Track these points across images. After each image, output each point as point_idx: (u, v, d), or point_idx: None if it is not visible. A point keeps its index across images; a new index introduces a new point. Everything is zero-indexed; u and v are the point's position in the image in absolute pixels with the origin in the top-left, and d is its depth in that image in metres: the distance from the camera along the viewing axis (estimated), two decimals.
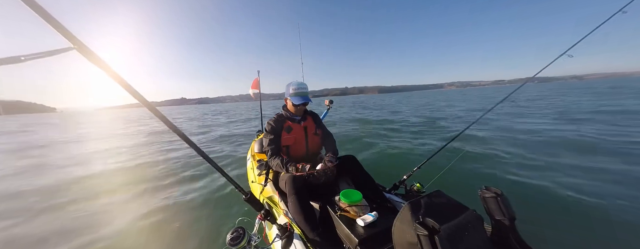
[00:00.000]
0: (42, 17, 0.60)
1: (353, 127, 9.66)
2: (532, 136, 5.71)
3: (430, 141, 6.13)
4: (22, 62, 0.59)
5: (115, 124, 19.26)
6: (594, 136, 5.19)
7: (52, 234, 2.50)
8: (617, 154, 3.95)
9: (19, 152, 7.52)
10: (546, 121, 7.66)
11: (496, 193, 1.02)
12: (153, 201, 3.21)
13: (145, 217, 2.79)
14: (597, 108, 9.86)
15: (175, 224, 2.61)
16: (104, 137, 10.54)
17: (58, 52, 0.62)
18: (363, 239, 1.19)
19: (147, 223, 2.68)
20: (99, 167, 5.13)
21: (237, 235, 1.11)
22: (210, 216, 2.76)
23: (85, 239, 2.39)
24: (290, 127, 1.90)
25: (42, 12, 0.59)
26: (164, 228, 2.58)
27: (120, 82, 0.75)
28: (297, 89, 1.87)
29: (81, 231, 2.53)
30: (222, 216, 2.75)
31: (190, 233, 2.46)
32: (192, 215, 2.79)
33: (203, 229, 2.50)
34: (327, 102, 3.62)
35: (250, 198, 1.22)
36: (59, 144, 8.95)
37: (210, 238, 2.35)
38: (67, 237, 2.43)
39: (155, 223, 2.67)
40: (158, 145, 7.45)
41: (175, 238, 2.40)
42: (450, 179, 3.26)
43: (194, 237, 2.39)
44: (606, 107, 10.00)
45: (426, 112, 13.49)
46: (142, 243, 2.37)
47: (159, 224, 2.64)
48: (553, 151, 4.40)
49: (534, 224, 2.18)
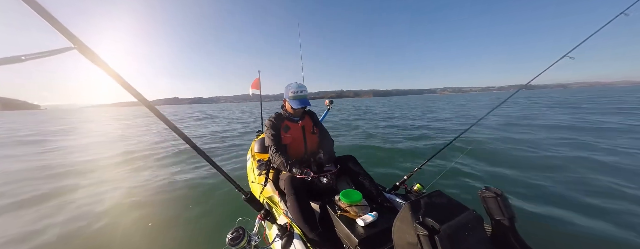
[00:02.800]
0: (43, 16, 0.60)
1: (353, 127, 9.67)
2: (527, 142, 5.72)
3: (430, 142, 6.13)
4: (23, 62, 0.59)
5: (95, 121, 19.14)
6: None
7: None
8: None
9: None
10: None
11: (496, 193, 1.02)
12: (152, 200, 3.21)
13: (143, 217, 2.79)
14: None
15: (175, 225, 2.61)
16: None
17: (59, 52, 0.62)
18: (363, 239, 1.19)
19: (145, 224, 2.68)
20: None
21: (237, 235, 1.11)
22: (210, 216, 2.76)
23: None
24: (288, 127, 1.91)
25: (42, 12, 0.59)
26: (162, 229, 2.58)
27: (120, 81, 0.76)
28: (297, 92, 1.84)
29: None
30: (221, 216, 2.75)
31: (190, 233, 2.46)
32: (191, 215, 2.79)
33: (203, 230, 2.50)
34: (327, 102, 3.61)
35: (250, 198, 1.22)
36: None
37: (210, 238, 2.34)
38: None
39: (153, 224, 2.66)
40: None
41: (175, 238, 2.40)
42: (450, 180, 3.28)
43: (194, 237, 2.38)
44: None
45: (427, 115, 13.52)
46: (141, 245, 2.36)
47: (157, 226, 2.63)
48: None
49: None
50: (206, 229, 2.49)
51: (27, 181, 4.13)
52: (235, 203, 2.97)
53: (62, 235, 2.46)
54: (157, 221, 2.70)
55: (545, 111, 12.54)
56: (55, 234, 2.48)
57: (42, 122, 20.21)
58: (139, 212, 2.93)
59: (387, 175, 3.83)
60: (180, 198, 3.27)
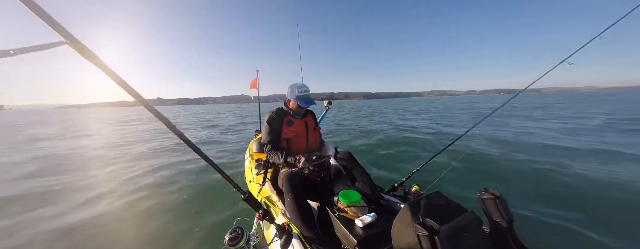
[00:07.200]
0: (33, 11, 0.58)
1: (351, 129, 9.69)
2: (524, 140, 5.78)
3: (429, 145, 6.16)
4: (13, 56, 0.57)
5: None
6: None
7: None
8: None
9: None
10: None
11: (494, 195, 1.03)
12: (150, 200, 3.18)
13: (141, 216, 2.77)
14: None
15: (173, 225, 2.59)
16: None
17: (49, 47, 0.60)
18: (361, 240, 1.19)
19: (143, 222, 2.65)
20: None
21: (236, 235, 1.11)
22: (208, 216, 2.74)
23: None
24: (291, 121, 1.93)
25: (33, 6, 0.58)
26: (161, 229, 2.56)
27: (116, 79, 0.74)
28: (303, 91, 1.90)
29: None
30: (220, 216, 2.73)
31: (189, 233, 2.44)
32: (189, 215, 2.77)
33: (201, 230, 2.48)
34: (326, 103, 3.62)
35: (248, 197, 1.22)
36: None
37: (208, 238, 2.33)
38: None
39: (150, 224, 2.64)
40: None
41: (173, 239, 2.38)
42: (448, 182, 3.29)
43: (192, 238, 2.36)
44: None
45: (423, 118, 13.57)
46: (140, 245, 2.34)
47: (155, 225, 2.61)
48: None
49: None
50: (204, 229, 2.48)
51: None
52: (233, 203, 2.95)
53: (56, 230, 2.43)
54: (153, 221, 2.68)
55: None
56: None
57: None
58: (136, 212, 2.90)
59: (386, 177, 3.84)
60: (179, 198, 3.24)
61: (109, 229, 2.58)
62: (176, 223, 2.64)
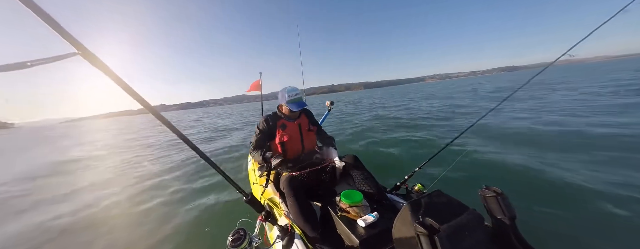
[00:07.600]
0: (47, 23, 0.60)
1: (351, 125, 9.65)
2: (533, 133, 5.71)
3: (431, 142, 6.11)
4: (29, 68, 0.59)
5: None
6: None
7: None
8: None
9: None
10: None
11: (496, 192, 1.02)
12: (152, 203, 3.22)
13: (146, 220, 2.80)
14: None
15: (175, 226, 2.61)
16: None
17: (63, 58, 0.62)
18: (364, 240, 1.19)
19: (147, 226, 2.68)
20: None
21: (239, 237, 1.11)
22: (210, 217, 2.76)
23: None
24: (284, 125, 1.95)
25: (47, 18, 0.59)
26: (162, 231, 2.58)
27: (125, 87, 0.75)
28: (292, 96, 1.90)
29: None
30: (222, 217, 2.75)
31: (190, 234, 2.46)
32: (191, 217, 2.79)
33: (203, 231, 2.50)
34: (328, 103, 3.61)
35: (251, 199, 1.23)
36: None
37: (210, 239, 2.35)
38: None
39: (151, 225, 2.67)
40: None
41: (174, 240, 2.40)
42: (451, 179, 3.26)
43: (195, 239, 2.39)
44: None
45: (426, 110, 13.41)
46: (143, 246, 2.37)
47: (155, 227, 2.64)
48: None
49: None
50: (207, 231, 2.50)
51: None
52: (236, 204, 2.97)
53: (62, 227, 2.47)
54: (154, 222, 2.71)
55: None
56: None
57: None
58: (136, 212, 2.94)
59: (388, 175, 3.82)
60: (180, 200, 3.27)
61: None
62: (176, 224, 2.65)
